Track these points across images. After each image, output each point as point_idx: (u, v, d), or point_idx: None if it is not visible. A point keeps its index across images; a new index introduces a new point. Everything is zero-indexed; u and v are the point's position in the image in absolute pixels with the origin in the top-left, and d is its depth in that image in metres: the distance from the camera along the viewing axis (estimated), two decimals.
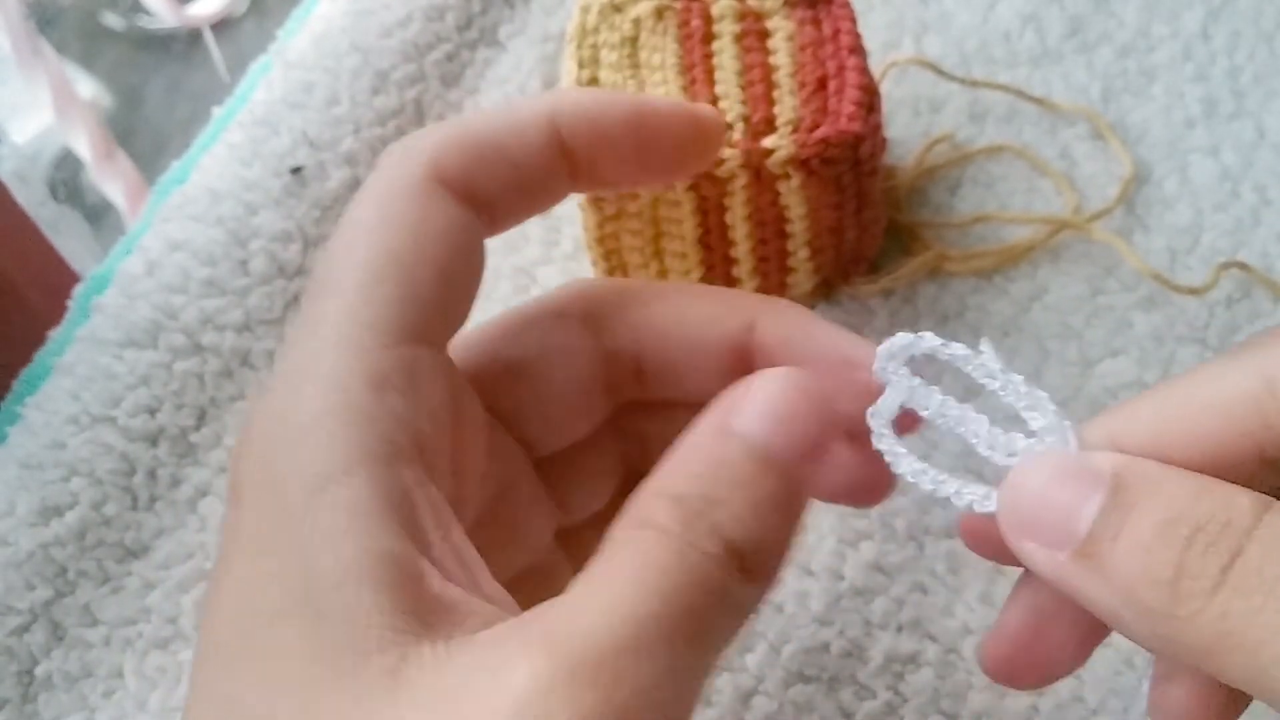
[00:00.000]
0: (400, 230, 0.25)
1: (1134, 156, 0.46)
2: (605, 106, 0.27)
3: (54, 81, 0.73)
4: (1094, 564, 0.22)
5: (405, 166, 0.26)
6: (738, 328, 0.28)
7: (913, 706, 0.35)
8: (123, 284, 0.42)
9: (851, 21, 0.41)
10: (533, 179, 0.27)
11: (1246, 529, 0.21)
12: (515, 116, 0.27)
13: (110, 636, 0.37)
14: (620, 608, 0.21)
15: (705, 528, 0.22)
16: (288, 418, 0.23)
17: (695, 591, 0.21)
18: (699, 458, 0.24)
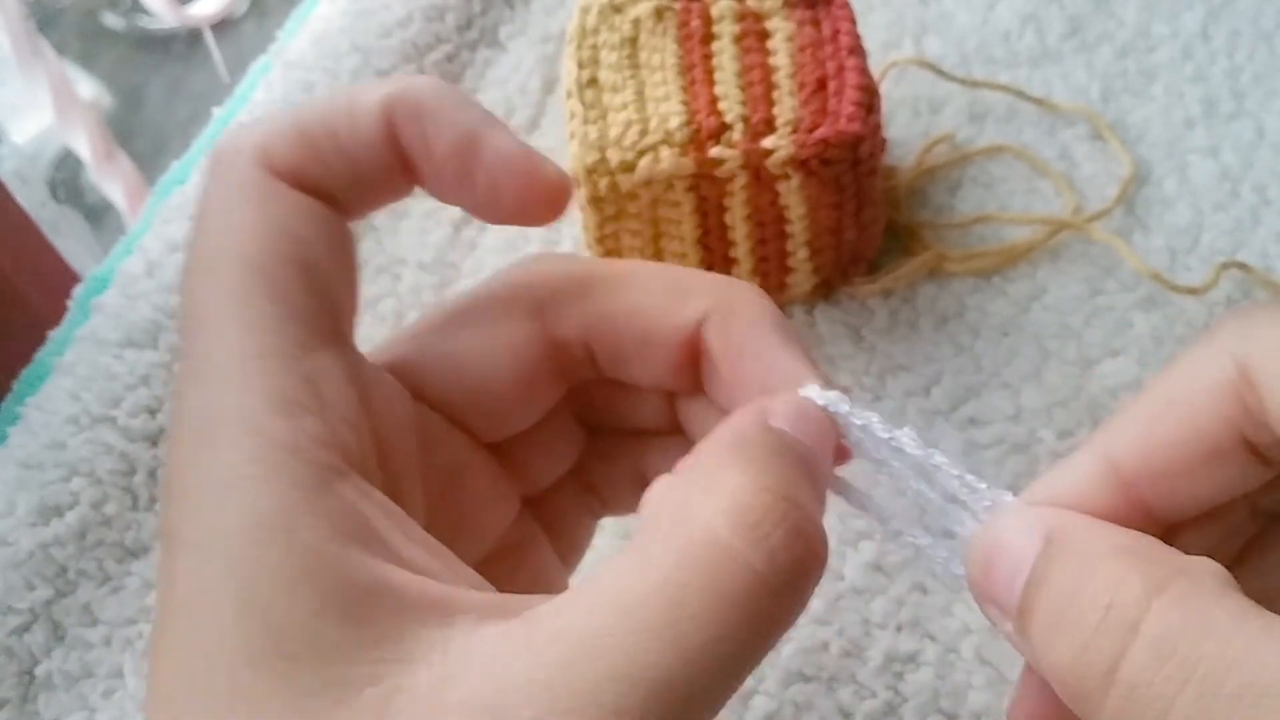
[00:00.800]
0: (248, 236, 0.23)
1: (1134, 156, 0.46)
2: (440, 117, 0.25)
3: (54, 82, 0.73)
4: (1024, 638, 0.21)
5: (235, 165, 0.24)
6: (689, 322, 0.26)
7: (912, 706, 0.35)
8: (123, 284, 0.42)
9: (851, 22, 0.41)
10: (369, 171, 0.25)
11: (1132, 621, 0.19)
12: (349, 104, 0.25)
13: (110, 636, 0.37)
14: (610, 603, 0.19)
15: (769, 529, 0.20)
16: (209, 472, 0.21)
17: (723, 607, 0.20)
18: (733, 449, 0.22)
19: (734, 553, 0.20)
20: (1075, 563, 0.21)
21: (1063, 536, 0.21)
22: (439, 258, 0.45)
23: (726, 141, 0.38)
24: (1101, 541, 0.21)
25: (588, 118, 0.39)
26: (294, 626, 0.19)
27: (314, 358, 0.23)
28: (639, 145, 0.38)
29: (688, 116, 0.39)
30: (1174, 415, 0.23)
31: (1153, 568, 0.20)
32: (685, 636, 0.19)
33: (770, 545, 0.20)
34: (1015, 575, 0.21)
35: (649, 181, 0.38)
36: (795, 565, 0.20)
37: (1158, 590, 0.19)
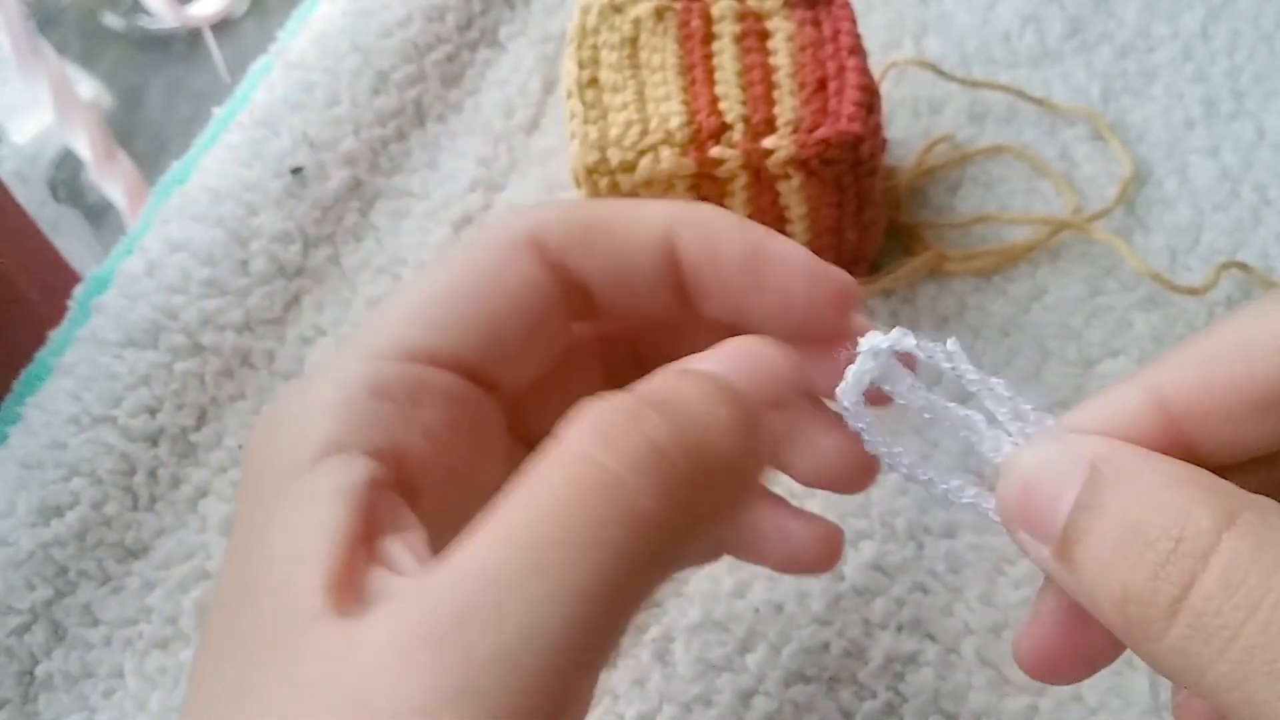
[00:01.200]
0: (469, 269, 0.26)
1: (1134, 157, 0.46)
2: (725, 237, 0.26)
3: (54, 81, 0.73)
4: (1069, 566, 0.21)
5: (508, 224, 0.27)
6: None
7: (913, 706, 0.35)
8: (123, 284, 0.42)
9: (851, 22, 0.41)
10: (634, 277, 0.27)
11: (1203, 551, 0.19)
12: (633, 212, 0.27)
13: (111, 636, 0.37)
14: (478, 563, 0.20)
15: (630, 431, 0.21)
16: (291, 405, 0.25)
17: (589, 529, 0.20)
18: (649, 382, 0.23)
19: (574, 449, 0.21)
20: (1136, 491, 0.21)
21: (1117, 464, 0.21)
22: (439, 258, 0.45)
23: (727, 141, 0.38)
24: (1161, 471, 0.21)
25: (588, 118, 0.39)
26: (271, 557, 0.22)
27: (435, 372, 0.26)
28: (639, 145, 0.38)
29: (688, 116, 0.39)
30: (1234, 359, 0.22)
31: (1221, 499, 0.20)
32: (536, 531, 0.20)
33: (610, 441, 0.21)
34: (1057, 500, 0.21)
35: (649, 181, 0.38)
36: (637, 455, 0.21)
37: (1227, 522, 0.19)
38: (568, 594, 0.20)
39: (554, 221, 0.27)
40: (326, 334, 0.43)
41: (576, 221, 0.27)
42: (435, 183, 0.46)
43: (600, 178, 0.38)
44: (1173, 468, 0.21)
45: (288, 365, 0.42)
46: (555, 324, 0.27)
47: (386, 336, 0.26)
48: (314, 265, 0.44)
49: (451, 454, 0.25)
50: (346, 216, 0.45)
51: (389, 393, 0.25)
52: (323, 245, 0.44)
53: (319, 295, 0.43)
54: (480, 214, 0.46)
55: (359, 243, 0.45)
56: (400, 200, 0.46)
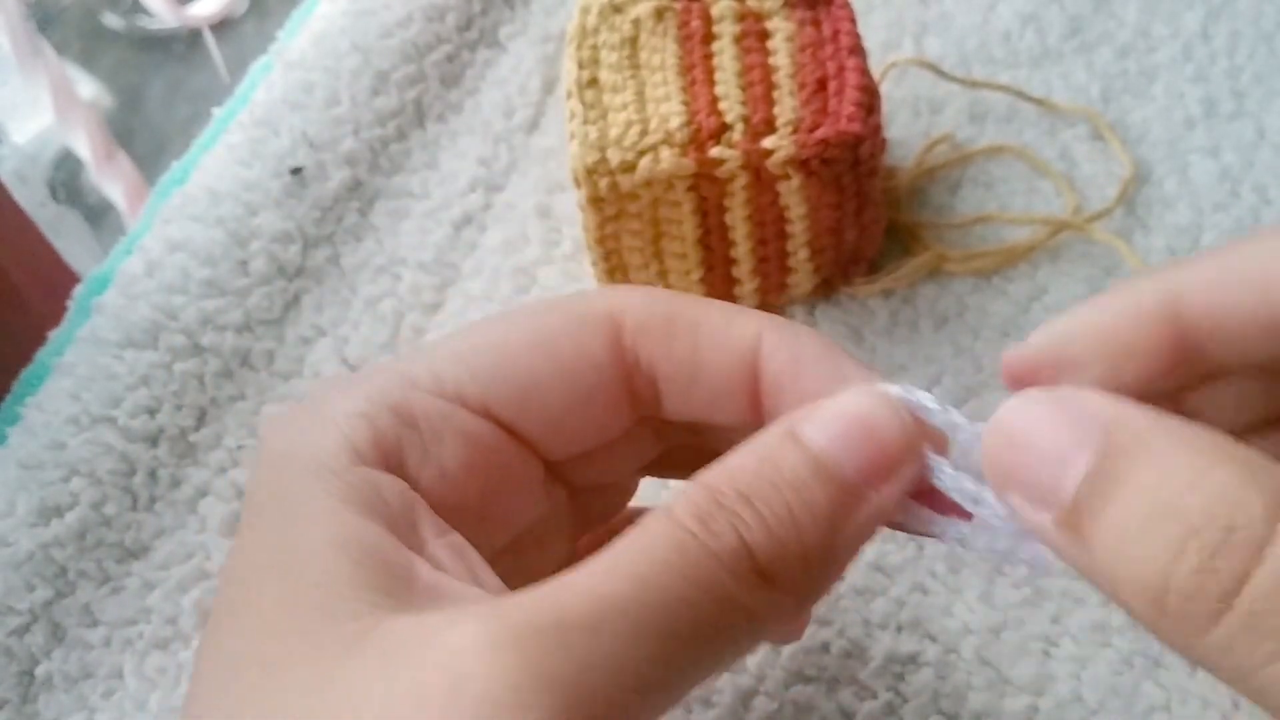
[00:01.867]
0: (531, 329, 0.26)
1: (1134, 157, 0.46)
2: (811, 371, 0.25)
3: (54, 81, 0.73)
4: (1079, 539, 0.20)
5: (590, 296, 0.27)
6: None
7: (913, 707, 0.35)
8: (123, 284, 0.42)
9: (851, 22, 0.41)
10: (710, 387, 0.26)
11: (1258, 542, 0.18)
12: (723, 320, 0.26)
13: (110, 637, 0.37)
14: (583, 585, 0.21)
15: (722, 523, 0.21)
16: (321, 408, 0.25)
17: (683, 585, 0.21)
18: (750, 454, 0.23)
19: (684, 524, 0.21)
20: (1167, 465, 0.19)
21: (1136, 430, 0.19)
22: (439, 258, 0.45)
23: (727, 141, 0.38)
24: (1193, 444, 0.19)
25: (588, 118, 0.39)
26: (308, 550, 0.22)
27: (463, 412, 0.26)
28: (639, 145, 0.38)
29: (688, 116, 0.39)
30: (1254, 276, 0.22)
31: (1269, 481, 0.18)
32: (640, 573, 0.21)
33: (713, 540, 0.21)
34: (1063, 464, 0.20)
35: (649, 181, 0.38)
36: (734, 557, 0.21)
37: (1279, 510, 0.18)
38: (658, 636, 0.20)
39: (638, 307, 0.26)
40: (326, 334, 0.43)
41: (661, 312, 0.26)
42: (435, 183, 0.46)
43: (600, 178, 0.38)
44: (1203, 438, 0.19)
45: (287, 365, 0.42)
46: (611, 405, 0.27)
47: (425, 368, 0.26)
48: (314, 265, 0.44)
49: (464, 492, 0.25)
50: (346, 216, 0.45)
51: (411, 419, 0.25)
52: (323, 245, 0.44)
53: (319, 295, 0.43)
54: (480, 214, 0.46)
55: (359, 243, 0.45)
56: (400, 200, 0.46)
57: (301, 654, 0.21)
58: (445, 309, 0.44)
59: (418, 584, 0.22)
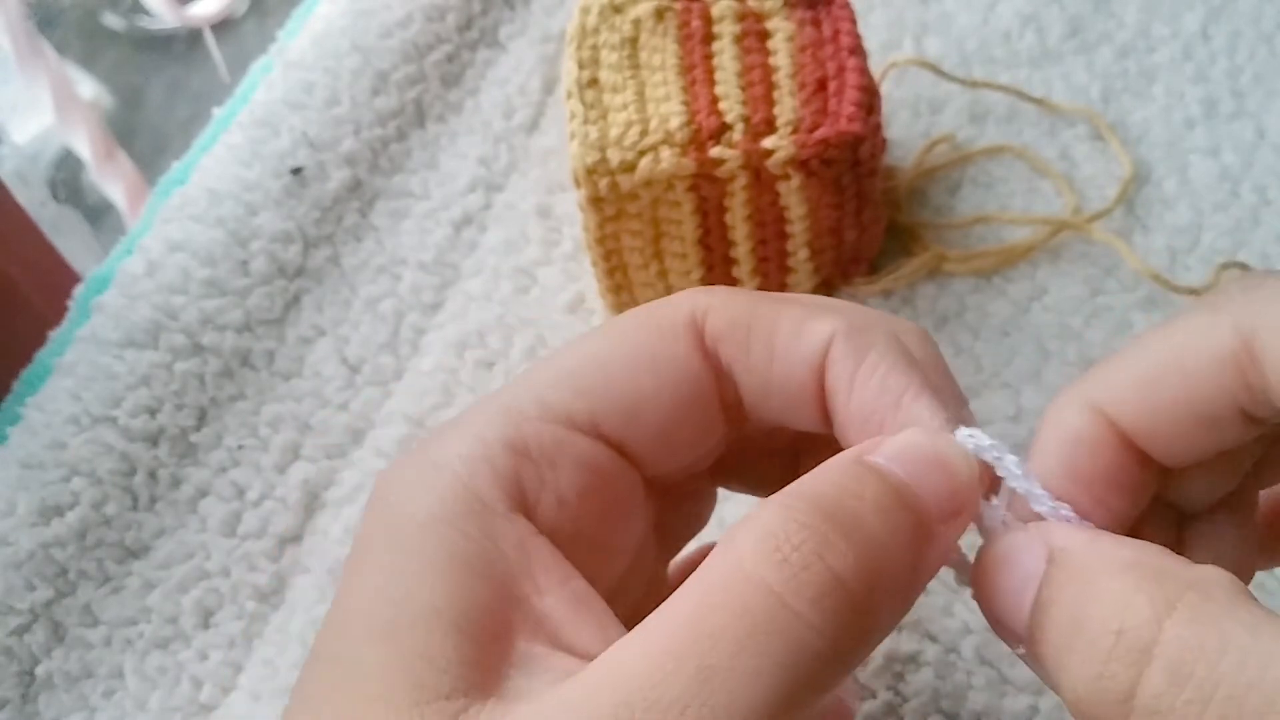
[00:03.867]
0: (624, 342, 0.26)
1: (1134, 157, 0.46)
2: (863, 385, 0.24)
3: (54, 82, 0.73)
4: (1037, 661, 0.20)
5: (674, 303, 0.26)
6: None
7: (913, 706, 0.35)
8: (123, 284, 0.42)
9: (851, 22, 0.41)
10: (785, 389, 0.25)
11: (1145, 644, 0.18)
12: (800, 318, 0.25)
13: (110, 636, 0.37)
14: (644, 668, 0.19)
15: (808, 551, 0.20)
16: (431, 453, 0.24)
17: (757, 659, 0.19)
18: (824, 480, 0.22)
19: (751, 573, 0.20)
20: (1079, 583, 0.20)
21: (1067, 554, 0.20)
22: (439, 258, 0.45)
23: (727, 142, 0.38)
24: (1104, 558, 0.20)
25: (588, 118, 0.39)
26: (413, 616, 0.22)
27: (578, 437, 0.25)
28: (639, 145, 0.38)
29: (688, 117, 0.39)
30: (1173, 382, 0.22)
31: (1160, 585, 0.19)
32: (705, 655, 0.19)
33: (790, 567, 0.20)
34: (1021, 597, 0.21)
35: (649, 181, 0.38)
36: (817, 589, 0.20)
37: (1167, 609, 0.18)
38: (733, 706, 0.19)
39: (718, 310, 0.26)
40: (326, 334, 0.43)
41: (740, 316, 0.26)
42: (435, 183, 0.46)
43: (600, 178, 0.38)
44: (1120, 550, 0.20)
45: (287, 365, 0.42)
46: (708, 413, 0.26)
47: (529, 396, 0.25)
48: (314, 265, 0.44)
49: (582, 519, 0.25)
50: (346, 216, 0.45)
51: (525, 450, 0.24)
52: (323, 245, 0.44)
53: (319, 295, 0.43)
54: (480, 214, 0.46)
55: (359, 243, 0.45)
56: (400, 200, 0.46)
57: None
58: (445, 309, 0.44)
59: (515, 655, 0.22)
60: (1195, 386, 0.22)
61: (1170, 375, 0.22)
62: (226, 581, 0.38)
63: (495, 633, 0.22)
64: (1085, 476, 0.23)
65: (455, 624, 0.21)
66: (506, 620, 0.22)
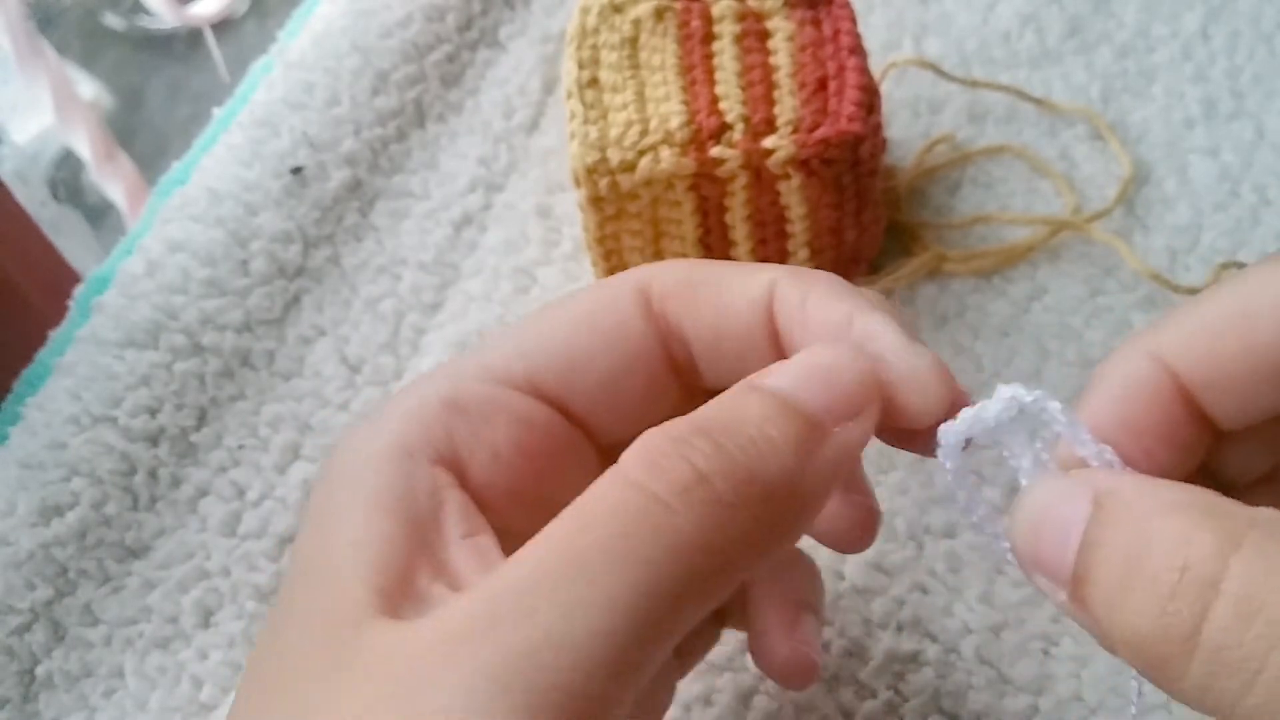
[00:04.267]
0: (567, 309, 0.27)
1: (1134, 157, 0.46)
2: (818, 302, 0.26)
3: (54, 82, 0.73)
4: (1083, 607, 0.20)
5: (619, 276, 0.27)
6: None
7: (913, 706, 0.35)
8: (123, 284, 0.42)
9: (852, 22, 0.41)
10: (734, 334, 0.26)
11: (1211, 579, 0.18)
12: (740, 271, 0.27)
13: (111, 636, 0.37)
14: (514, 571, 0.21)
15: (674, 458, 0.21)
16: (382, 413, 0.26)
17: (625, 543, 0.20)
18: (712, 403, 0.23)
19: (626, 477, 0.22)
20: (1135, 523, 0.20)
21: (1115, 496, 0.20)
22: (439, 258, 0.45)
23: (727, 141, 0.38)
24: (1157, 499, 0.20)
25: (588, 118, 0.39)
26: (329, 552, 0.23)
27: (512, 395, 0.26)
28: (639, 145, 0.38)
29: (688, 116, 0.39)
30: (1238, 329, 0.22)
31: (1222, 522, 0.19)
32: (579, 552, 0.21)
33: (658, 469, 0.21)
34: (1065, 541, 0.20)
35: (649, 181, 0.38)
36: (682, 483, 0.21)
37: (1233, 546, 0.18)
38: (599, 603, 0.20)
39: (661, 273, 0.27)
40: (326, 334, 0.43)
41: (683, 275, 0.27)
42: (435, 183, 0.46)
43: (600, 178, 0.38)
44: (1171, 492, 0.20)
45: (287, 365, 0.42)
46: (655, 375, 0.27)
47: (472, 360, 0.27)
48: (314, 265, 0.44)
49: (518, 475, 0.26)
50: (346, 216, 0.45)
51: (461, 407, 0.25)
52: (323, 245, 0.44)
53: (319, 295, 0.43)
54: (480, 214, 0.46)
55: (359, 243, 0.45)
56: (400, 200, 0.46)
57: (309, 665, 0.22)
58: (445, 309, 0.44)
59: (412, 590, 0.23)
60: (1261, 333, 0.21)
61: (1236, 322, 0.22)
62: (226, 581, 0.38)
63: (401, 569, 0.23)
64: (1138, 427, 0.23)
65: (363, 558, 0.23)
66: (413, 559, 0.23)
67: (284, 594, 0.24)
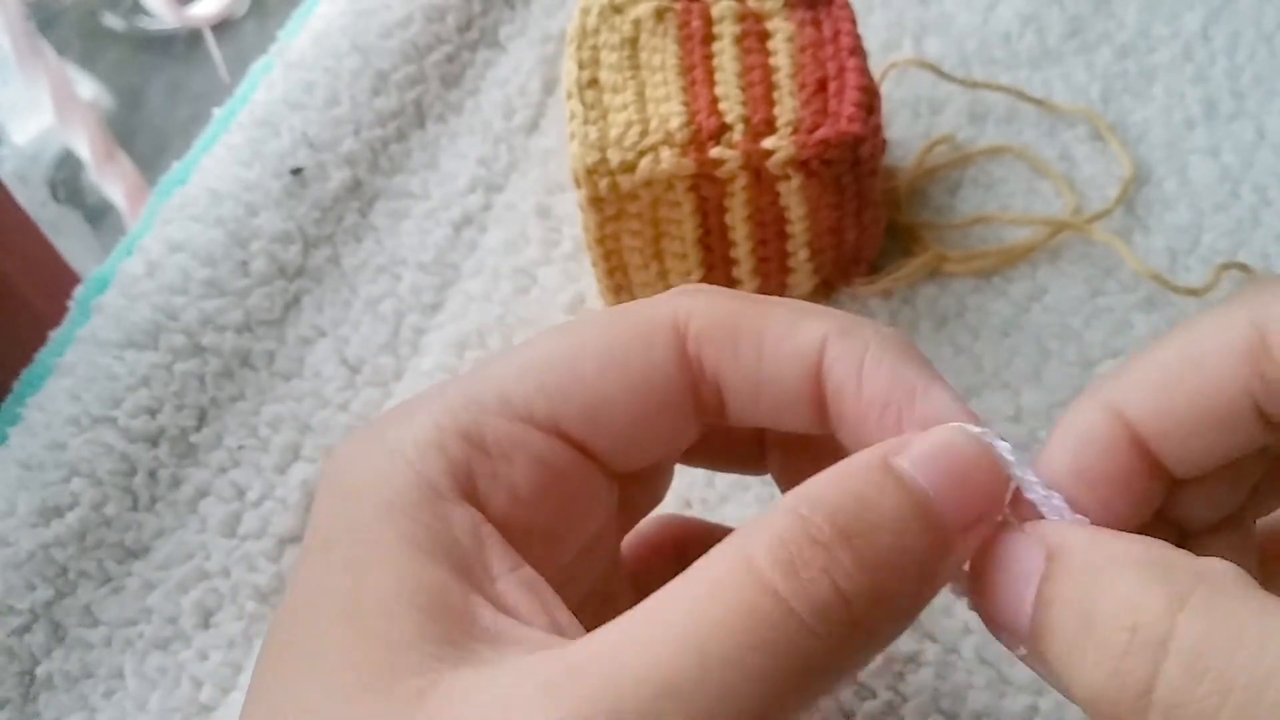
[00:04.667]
0: (597, 340, 0.25)
1: (1134, 157, 0.46)
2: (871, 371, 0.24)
3: (54, 82, 0.73)
4: (1041, 662, 0.20)
5: (655, 304, 0.26)
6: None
7: (913, 706, 0.35)
8: (123, 285, 0.42)
9: (851, 23, 0.41)
10: (776, 395, 0.25)
11: (1160, 639, 0.18)
12: (789, 322, 0.25)
13: (111, 637, 0.37)
14: (641, 660, 0.19)
15: (816, 569, 0.20)
16: (385, 437, 0.24)
17: (759, 660, 0.19)
18: (843, 486, 0.21)
19: (760, 575, 0.20)
20: (1084, 580, 0.20)
21: (1067, 552, 0.20)
22: (439, 258, 0.45)
23: (727, 142, 0.38)
24: (1107, 554, 0.20)
25: (588, 118, 0.39)
26: (373, 599, 0.22)
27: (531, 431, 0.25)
28: (639, 146, 0.38)
29: (688, 117, 0.39)
30: (1188, 376, 0.22)
31: (1170, 578, 0.19)
32: (706, 643, 0.19)
33: (799, 580, 0.20)
34: (1021, 596, 0.21)
35: (649, 182, 0.38)
36: (824, 602, 0.20)
37: (1179, 603, 0.19)
38: (723, 715, 0.19)
39: (702, 313, 0.25)
40: (326, 334, 0.43)
41: (726, 318, 0.25)
42: (435, 183, 0.46)
43: (600, 178, 0.38)
44: (1122, 546, 0.20)
45: (287, 366, 0.42)
46: (680, 416, 0.26)
47: (491, 388, 0.25)
48: (314, 265, 0.44)
49: (536, 514, 0.25)
50: (346, 216, 0.45)
51: (482, 444, 0.24)
52: (323, 245, 0.44)
53: (319, 295, 0.43)
54: (480, 214, 0.46)
55: (359, 243, 0.45)
56: (400, 200, 0.46)
57: (366, 712, 0.21)
58: (445, 309, 0.44)
59: (478, 630, 0.22)
60: (1210, 380, 0.22)
61: (1186, 370, 0.22)
62: (226, 582, 0.38)
63: (458, 611, 0.22)
64: (1093, 477, 0.23)
65: (417, 604, 0.21)
66: (466, 601, 0.22)
67: (299, 644, 0.22)
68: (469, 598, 0.22)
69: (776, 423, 0.26)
